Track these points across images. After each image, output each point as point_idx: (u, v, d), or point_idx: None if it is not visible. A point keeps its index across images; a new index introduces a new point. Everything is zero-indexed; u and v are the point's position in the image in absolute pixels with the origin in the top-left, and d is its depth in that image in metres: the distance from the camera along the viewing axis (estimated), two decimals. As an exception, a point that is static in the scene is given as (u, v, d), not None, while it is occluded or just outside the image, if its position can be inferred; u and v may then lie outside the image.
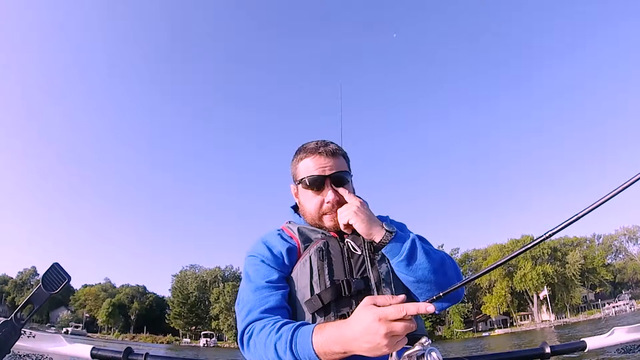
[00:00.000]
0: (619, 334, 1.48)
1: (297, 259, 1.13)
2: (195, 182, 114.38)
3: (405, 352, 0.77)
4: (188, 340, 63.03)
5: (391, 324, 0.73)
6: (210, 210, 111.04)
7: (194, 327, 64.88)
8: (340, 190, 1.14)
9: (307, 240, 1.15)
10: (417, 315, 0.76)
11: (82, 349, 1.40)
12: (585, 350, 1.45)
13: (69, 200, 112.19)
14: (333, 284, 1.04)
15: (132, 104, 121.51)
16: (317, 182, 1.14)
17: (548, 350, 1.38)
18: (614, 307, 51.59)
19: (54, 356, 1.40)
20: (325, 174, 1.14)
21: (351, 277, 1.06)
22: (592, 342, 1.46)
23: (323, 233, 1.16)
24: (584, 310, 57.39)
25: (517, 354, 1.44)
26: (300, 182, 1.18)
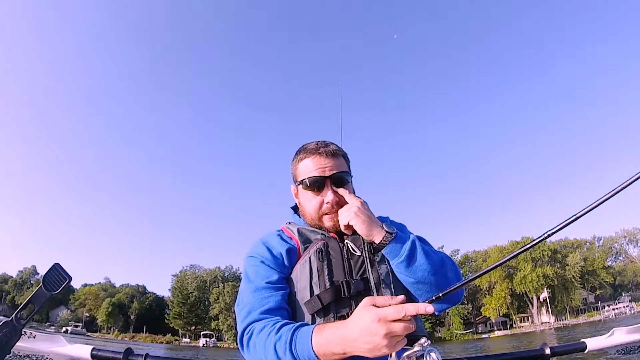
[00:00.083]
0: (619, 334, 1.48)
1: (296, 260, 1.13)
2: (195, 182, 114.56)
3: (405, 352, 0.77)
4: (188, 340, 62.93)
5: (390, 324, 0.73)
6: (211, 210, 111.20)
7: (193, 327, 64.80)
8: (341, 190, 1.14)
9: (306, 241, 1.15)
10: (416, 316, 0.76)
11: (82, 350, 1.40)
12: (585, 351, 1.45)
13: (69, 200, 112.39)
14: (333, 285, 1.03)
15: (132, 103, 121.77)
16: (317, 183, 1.14)
17: (548, 351, 1.38)
18: (613, 309, 51.48)
19: (54, 357, 1.41)
20: (325, 175, 1.14)
21: (351, 278, 1.05)
22: (592, 343, 1.46)
23: (323, 234, 1.15)
24: (584, 313, 57.28)
25: (517, 355, 1.43)
26: (301, 182, 1.17)
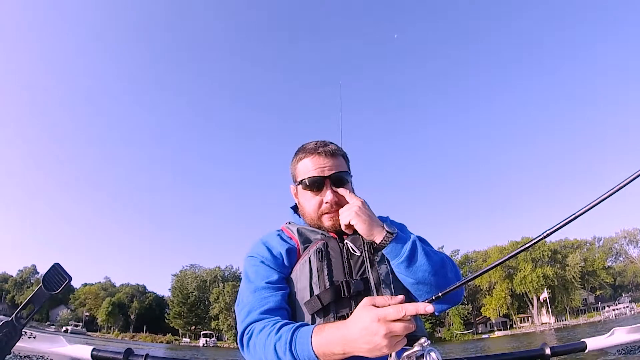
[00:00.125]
0: (619, 334, 1.48)
1: (296, 260, 1.13)
2: (195, 182, 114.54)
3: (405, 352, 0.77)
4: (188, 340, 62.92)
5: (390, 324, 0.73)
6: (211, 210, 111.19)
7: (193, 327, 64.82)
8: (341, 190, 1.14)
9: (306, 241, 1.15)
10: (416, 316, 0.76)
11: (82, 350, 1.41)
12: (585, 351, 1.45)
13: (69, 199, 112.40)
14: (332, 285, 1.03)
15: (132, 103, 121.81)
16: (317, 183, 1.14)
17: (548, 351, 1.38)
18: (614, 310, 51.45)
19: (55, 357, 1.41)
20: (325, 175, 1.14)
21: (350, 278, 1.05)
22: (592, 342, 1.46)
23: (322, 234, 1.15)
24: (584, 313, 57.25)
25: (517, 355, 1.43)
26: (300, 183, 1.17)
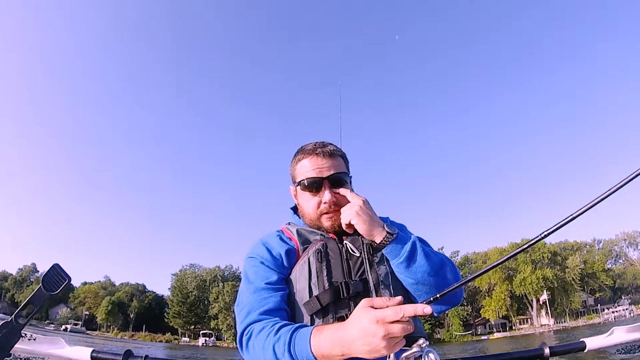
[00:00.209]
0: (619, 334, 1.47)
1: (296, 261, 1.13)
2: (195, 182, 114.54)
3: (403, 353, 0.77)
4: (187, 339, 62.86)
5: (389, 325, 0.73)
6: (211, 210, 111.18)
7: (193, 327, 64.73)
8: (342, 190, 1.14)
9: (306, 242, 1.15)
10: (415, 317, 0.76)
11: (82, 352, 1.41)
12: (584, 351, 1.44)
13: (69, 198, 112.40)
14: (331, 286, 1.03)
15: (132, 103, 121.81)
16: (315, 184, 1.14)
17: (547, 351, 1.38)
18: (613, 312, 51.43)
19: (54, 359, 1.41)
20: (323, 176, 1.14)
21: (350, 279, 1.05)
22: (592, 342, 1.46)
23: (322, 235, 1.16)
24: (583, 315, 57.09)
25: (516, 355, 1.43)
26: (299, 184, 1.18)
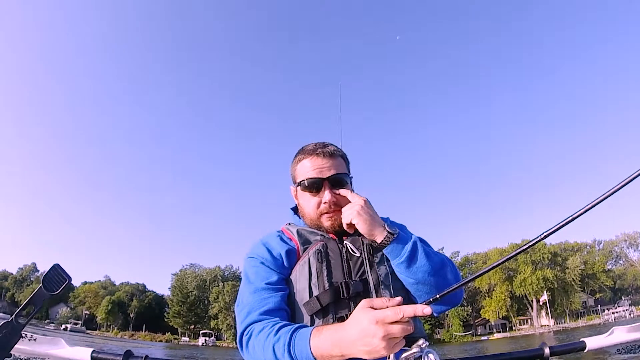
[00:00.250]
0: (619, 333, 1.47)
1: (296, 261, 1.13)
2: (195, 182, 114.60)
3: (403, 354, 0.77)
4: (187, 339, 62.90)
5: (388, 326, 0.73)
6: (211, 210, 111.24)
7: (193, 326, 64.74)
8: (342, 190, 1.14)
9: (306, 242, 1.15)
10: (415, 317, 0.76)
11: (82, 352, 1.41)
12: (585, 351, 1.44)
13: (70, 198, 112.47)
14: (332, 286, 1.03)
15: (132, 103, 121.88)
16: (315, 184, 1.14)
17: (547, 351, 1.37)
18: (613, 313, 51.43)
19: (55, 359, 1.41)
20: (323, 176, 1.14)
21: (350, 279, 1.05)
22: (592, 342, 1.45)
23: (322, 235, 1.16)
24: (584, 316, 57.08)
25: (516, 355, 1.43)
26: (299, 184, 1.18)
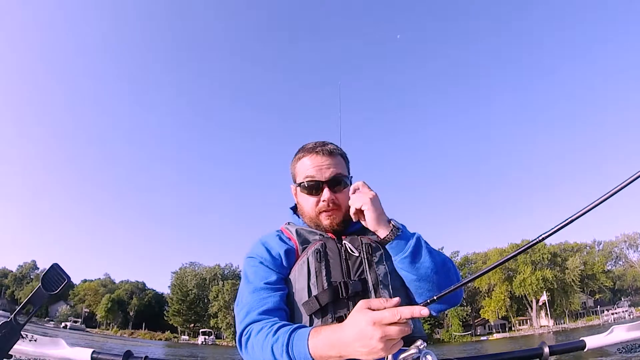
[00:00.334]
0: (619, 332, 1.46)
1: (295, 261, 1.14)
2: (195, 181, 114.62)
3: (401, 354, 0.77)
4: (186, 337, 63.00)
5: (386, 327, 0.73)
6: (211, 209, 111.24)
7: (192, 325, 64.82)
8: (354, 185, 1.14)
9: (305, 242, 1.16)
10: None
11: (82, 353, 1.42)
12: (584, 350, 1.43)
13: (70, 196, 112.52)
14: (330, 286, 1.04)
15: (132, 103, 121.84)
16: (315, 186, 1.15)
17: (547, 350, 1.37)
18: (613, 313, 51.44)
19: None
20: (323, 174, 1.15)
21: (348, 278, 1.06)
22: (592, 341, 1.44)
23: (321, 234, 1.16)
24: (583, 317, 57.05)
25: (515, 354, 1.42)
26: (299, 185, 1.19)
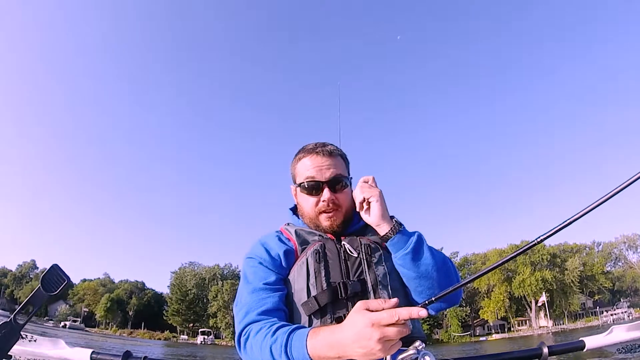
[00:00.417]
0: (618, 332, 1.46)
1: (294, 261, 1.14)
2: (195, 181, 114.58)
3: (400, 355, 0.78)
4: (185, 337, 62.98)
5: (384, 329, 0.73)
6: (211, 209, 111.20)
7: (191, 324, 64.80)
8: (366, 177, 1.15)
9: (304, 243, 1.16)
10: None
11: (82, 353, 1.42)
12: (584, 350, 1.43)
13: (69, 196, 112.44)
14: (329, 286, 1.04)
15: (133, 103, 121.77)
16: (315, 187, 1.15)
17: (546, 350, 1.36)
18: (612, 314, 51.48)
19: None
20: (323, 175, 1.15)
21: (347, 279, 1.06)
22: (591, 341, 1.44)
23: (320, 235, 1.17)
24: (582, 318, 57.07)
25: (515, 355, 1.42)
26: (299, 185, 1.19)
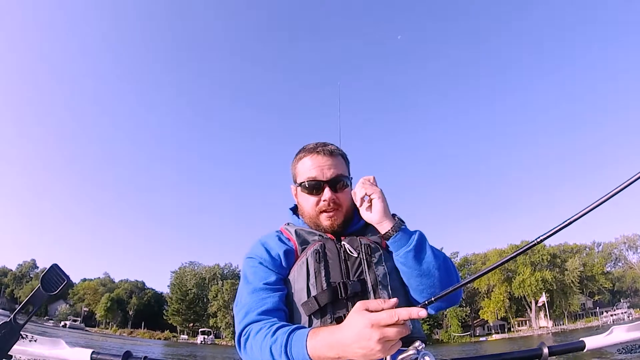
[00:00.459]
0: (618, 333, 1.46)
1: (294, 261, 1.14)
2: (195, 181, 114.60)
3: (400, 355, 0.78)
4: (185, 337, 62.99)
5: (384, 329, 0.73)
6: (211, 209, 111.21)
7: (191, 324, 64.81)
8: (367, 177, 1.14)
9: (304, 243, 1.16)
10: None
11: (82, 354, 1.42)
12: (584, 350, 1.43)
13: (70, 195, 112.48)
14: (329, 286, 1.04)
15: (133, 103, 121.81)
16: (316, 186, 1.15)
17: (546, 351, 1.37)
18: (612, 315, 51.44)
19: None
20: (324, 174, 1.15)
21: (347, 279, 1.06)
22: (591, 341, 1.44)
23: (320, 235, 1.17)
24: (582, 318, 57.07)
25: (515, 355, 1.42)
26: (300, 185, 1.19)
